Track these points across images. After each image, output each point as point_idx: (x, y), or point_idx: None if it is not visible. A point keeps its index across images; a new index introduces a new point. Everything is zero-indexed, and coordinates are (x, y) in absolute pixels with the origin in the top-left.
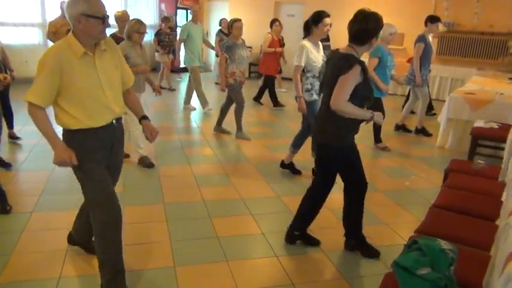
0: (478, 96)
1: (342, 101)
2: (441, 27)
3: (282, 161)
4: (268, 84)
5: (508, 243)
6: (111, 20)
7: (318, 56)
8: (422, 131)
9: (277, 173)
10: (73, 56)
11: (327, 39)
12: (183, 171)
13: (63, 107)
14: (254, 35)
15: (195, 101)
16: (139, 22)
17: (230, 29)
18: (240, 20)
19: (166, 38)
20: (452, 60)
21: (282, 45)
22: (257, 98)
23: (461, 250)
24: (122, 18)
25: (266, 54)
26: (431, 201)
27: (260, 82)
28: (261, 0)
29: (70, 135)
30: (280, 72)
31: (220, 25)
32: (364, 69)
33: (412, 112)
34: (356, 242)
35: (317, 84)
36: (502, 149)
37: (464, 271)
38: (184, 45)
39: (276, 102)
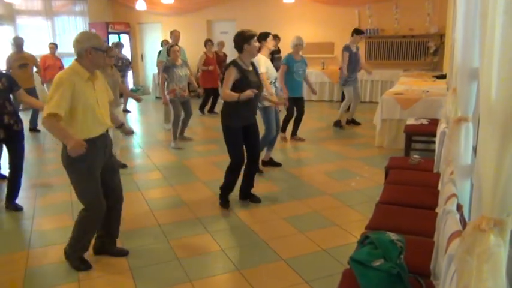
0: (406, 96)
1: (225, 92)
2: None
3: (262, 160)
4: (208, 94)
5: (447, 228)
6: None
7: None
8: (338, 124)
9: None
10: (80, 79)
11: (278, 51)
12: (135, 197)
13: (70, 121)
14: (190, 55)
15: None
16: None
17: (168, 53)
18: (175, 44)
19: (119, 63)
20: (380, 64)
21: (224, 59)
22: (201, 108)
23: (408, 239)
24: None
25: (203, 70)
26: (376, 198)
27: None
28: (193, 20)
29: None
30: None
31: (162, 46)
32: (240, 69)
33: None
34: (244, 194)
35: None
36: (434, 142)
37: (413, 258)
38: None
39: (211, 109)
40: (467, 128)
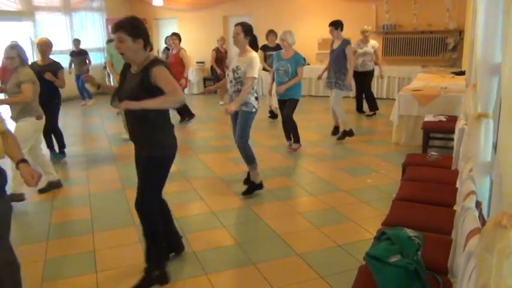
0: (424, 92)
1: (180, 92)
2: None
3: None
4: None
5: (465, 225)
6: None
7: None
8: (349, 133)
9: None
10: None
11: (275, 48)
12: None
13: None
14: (205, 50)
15: None
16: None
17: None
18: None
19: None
20: (397, 60)
21: (225, 56)
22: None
23: (425, 236)
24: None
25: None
26: (393, 194)
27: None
28: (209, 15)
29: None
30: None
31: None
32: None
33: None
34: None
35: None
36: (452, 139)
37: (430, 255)
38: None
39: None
40: (487, 124)
